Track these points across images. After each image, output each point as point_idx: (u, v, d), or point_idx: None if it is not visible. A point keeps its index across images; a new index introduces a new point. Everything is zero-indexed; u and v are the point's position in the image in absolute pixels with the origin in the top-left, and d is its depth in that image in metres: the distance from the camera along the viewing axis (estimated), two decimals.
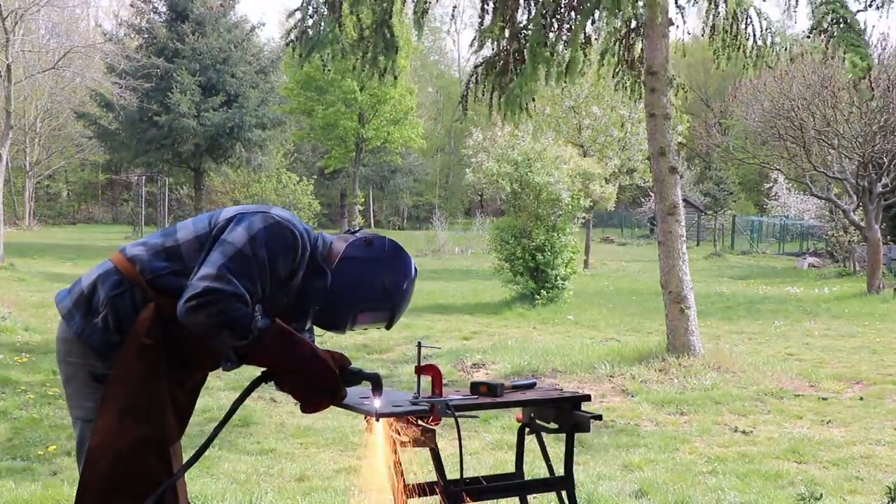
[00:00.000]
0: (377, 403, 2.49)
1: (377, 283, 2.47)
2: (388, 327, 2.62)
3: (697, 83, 48.47)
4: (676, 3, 8.58)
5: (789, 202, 32.33)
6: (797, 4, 8.06)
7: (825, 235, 25.20)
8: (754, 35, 8.65)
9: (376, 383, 2.51)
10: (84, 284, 2.42)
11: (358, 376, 2.52)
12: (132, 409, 2.31)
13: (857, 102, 16.17)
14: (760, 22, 8.68)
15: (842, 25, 6.88)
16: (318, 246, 2.48)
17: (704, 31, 8.88)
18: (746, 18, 8.62)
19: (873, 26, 37.93)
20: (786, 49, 8.73)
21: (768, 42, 8.65)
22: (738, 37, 8.60)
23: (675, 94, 9.69)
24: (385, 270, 2.48)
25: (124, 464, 2.31)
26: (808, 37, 7.30)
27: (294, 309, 2.50)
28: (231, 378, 7.19)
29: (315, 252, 2.46)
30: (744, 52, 8.76)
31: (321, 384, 2.46)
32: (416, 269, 2.57)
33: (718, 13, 8.62)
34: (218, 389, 7.09)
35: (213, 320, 2.24)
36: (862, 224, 18.08)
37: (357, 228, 2.64)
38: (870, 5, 7.08)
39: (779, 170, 22.66)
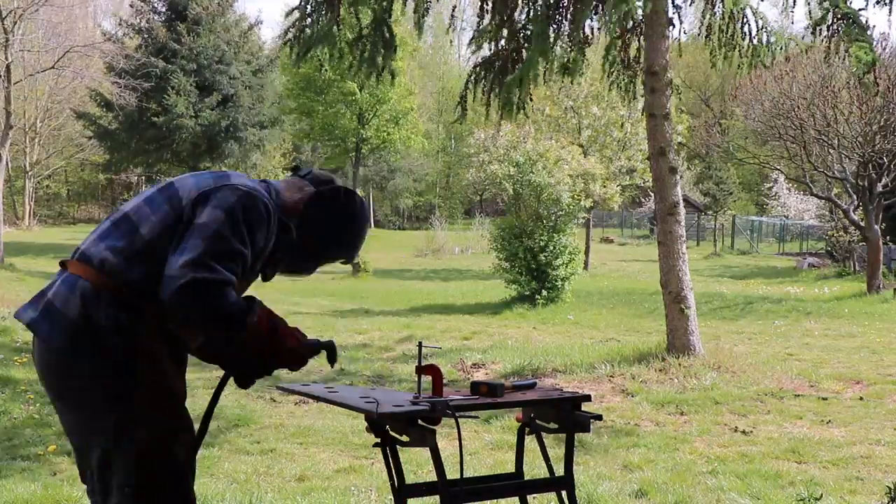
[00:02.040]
0: (331, 367, 2.55)
1: (335, 232, 2.55)
2: (349, 262, 2.73)
3: (697, 83, 48.49)
4: (674, 2, 8.59)
5: (789, 202, 32.37)
6: (794, 4, 8.07)
7: (825, 235, 25.20)
8: (750, 34, 8.66)
9: (331, 351, 2.55)
10: (70, 313, 2.25)
11: (317, 348, 2.54)
12: (168, 418, 2.34)
13: (857, 102, 16.16)
14: (756, 21, 8.69)
15: (846, 21, 6.89)
16: (276, 202, 2.46)
17: (701, 31, 8.88)
18: (743, 18, 8.63)
19: (874, 26, 37.95)
20: (781, 48, 8.73)
21: (764, 41, 8.65)
22: (735, 36, 8.60)
23: (672, 95, 9.68)
24: (342, 219, 2.55)
25: (177, 470, 2.34)
26: (813, 33, 7.30)
27: (263, 265, 2.49)
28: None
29: (277, 211, 2.44)
30: (739, 51, 8.76)
31: (290, 363, 2.49)
32: (365, 205, 2.66)
33: (715, 13, 8.62)
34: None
35: (203, 316, 2.19)
36: (862, 224, 18.08)
37: (306, 171, 2.61)
38: (875, 3, 7.08)
39: (779, 170, 22.66)
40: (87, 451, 2.32)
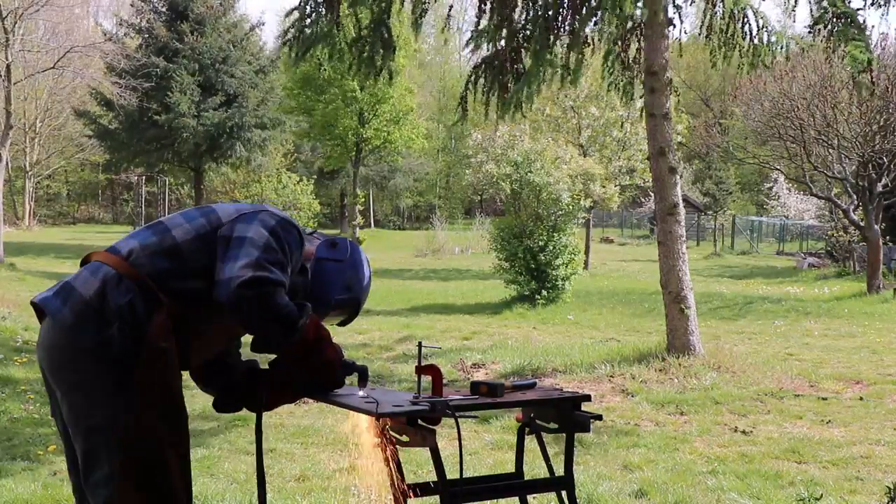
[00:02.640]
0: (361, 394, 2.60)
1: (344, 282, 2.66)
2: (349, 322, 2.82)
3: (697, 83, 48.50)
4: (674, 2, 8.59)
5: (789, 202, 32.36)
6: (796, 3, 8.07)
7: (825, 235, 25.19)
8: (750, 34, 8.66)
9: (363, 376, 2.64)
10: (86, 293, 2.31)
11: (350, 368, 2.61)
12: (165, 414, 2.35)
13: (857, 102, 16.16)
14: (757, 21, 8.68)
15: (843, 21, 6.89)
16: None
17: (701, 31, 8.88)
18: (743, 17, 8.63)
19: (873, 26, 37.96)
20: (781, 48, 8.72)
21: (764, 41, 8.64)
22: (735, 36, 8.60)
23: (671, 95, 9.69)
24: (349, 269, 2.68)
25: (165, 469, 2.34)
26: (810, 33, 7.30)
27: None
28: None
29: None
30: (740, 51, 8.76)
31: (328, 379, 2.55)
32: (367, 260, 2.78)
33: (716, 13, 8.62)
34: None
35: (261, 311, 2.28)
36: (862, 224, 18.07)
37: (312, 231, 2.76)
38: (871, 4, 7.08)
39: (779, 170, 22.65)
40: (76, 437, 2.32)
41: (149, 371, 2.30)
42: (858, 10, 7.00)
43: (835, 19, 6.93)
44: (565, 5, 7.59)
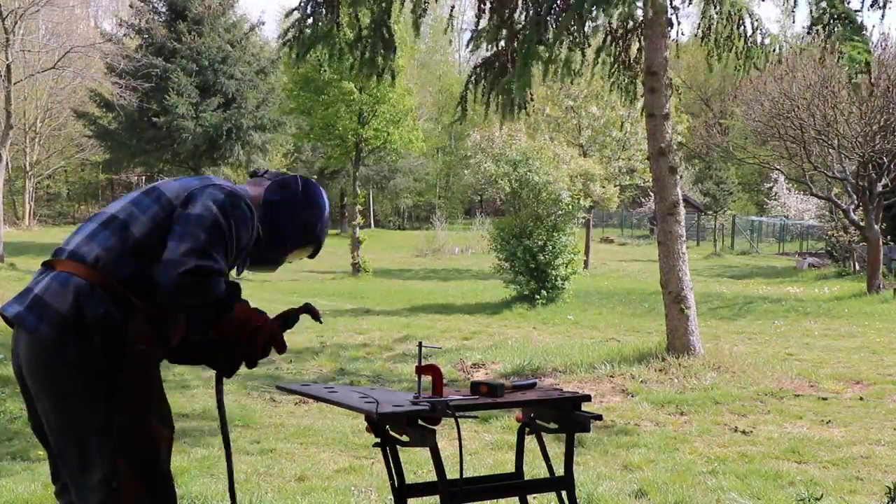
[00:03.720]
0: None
1: (300, 221, 2.61)
2: (312, 256, 2.75)
3: (697, 83, 48.49)
4: (671, 3, 8.59)
5: (789, 202, 32.36)
6: (796, 4, 8.06)
7: (825, 235, 25.19)
8: (745, 36, 8.66)
9: (313, 312, 2.61)
10: (61, 308, 2.28)
11: (294, 316, 2.58)
12: (155, 411, 2.38)
13: (857, 102, 16.16)
14: (752, 23, 8.68)
15: (842, 22, 6.88)
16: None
17: (699, 32, 8.88)
18: (739, 19, 8.63)
19: (874, 26, 37.96)
20: (774, 50, 8.72)
21: (758, 42, 8.64)
22: (731, 37, 8.60)
23: (671, 95, 9.68)
24: (305, 208, 2.62)
25: (157, 468, 2.37)
26: (809, 33, 7.30)
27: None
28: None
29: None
30: (736, 53, 8.77)
31: (251, 351, 2.52)
32: (328, 199, 2.71)
33: (714, 14, 8.61)
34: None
35: (200, 298, 2.26)
36: (862, 224, 18.08)
37: (263, 171, 2.70)
38: (872, 6, 7.07)
39: (779, 170, 22.65)
40: (67, 447, 2.32)
41: (133, 374, 2.32)
42: (857, 11, 6.99)
43: (833, 20, 6.92)
44: (558, 2, 7.57)
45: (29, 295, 2.37)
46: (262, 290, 18.28)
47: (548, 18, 7.49)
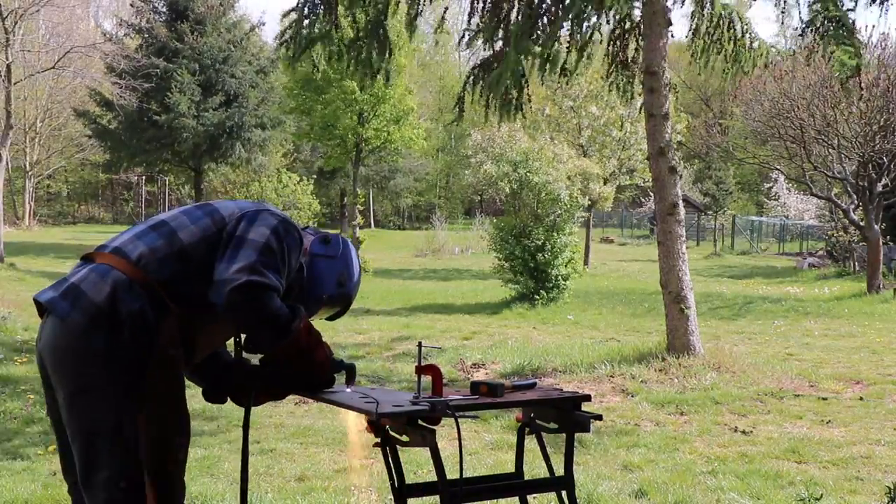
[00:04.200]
0: (349, 391, 2.66)
1: (336, 278, 2.70)
2: (340, 316, 2.86)
3: (697, 83, 48.48)
4: (667, 3, 8.59)
5: (789, 202, 32.34)
6: (785, 4, 8.05)
7: (825, 235, 25.19)
8: (734, 39, 8.67)
9: (350, 374, 2.70)
10: (97, 297, 2.29)
11: (339, 367, 2.66)
12: (173, 421, 2.39)
13: (856, 102, 16.15)
14: (742, 27, 8.69)
15: (833, 24, 6.88)
16: None
17: (688, 34, 8.89)
18: (729, 23, 8.63)
19: (873, 26, 37.93)
20: (762, 55, 8.73)
21: (746, 46, 8.65)
22: (721, 40, 8.61)
23: (670, 94, 9.69)
24: (342, 265, 2.72)
25: (178, 473, 2.39)
26: (801, 35, 7.31)
27: None
28: None
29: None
30: (725, 56, 8.77)
31: (317, 380, 2.59)
32: (358, 257, 2.84)
33: (703, 15, 8.62)
34: None
35: (254, 315, 2.30)
36: (862, 224, 18.07)
37: (304, 226, 2.79)
38: (871, 3, 7.07)
39: (779, 170, 22.65)
40: (77, 440, 2.31)
41: (158, 378, 2.32)
42: (848, 10, 6.99)
43: (826, 22, 6.92)
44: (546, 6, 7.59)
45: (64, 283, 2.37)
46: None
47: (539, 12, 7.49)
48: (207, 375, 2.73)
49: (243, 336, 2.51)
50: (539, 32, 7.42)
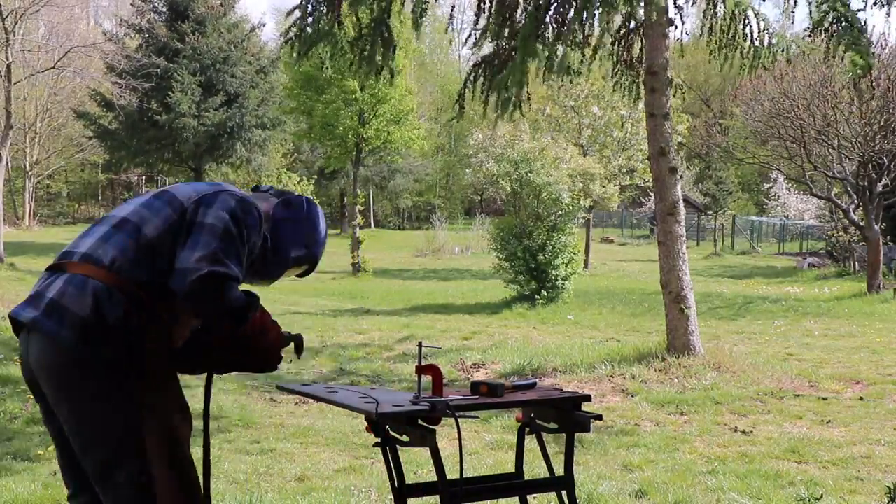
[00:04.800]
0: (288, 364, 2.64)
1: (302, 239, 2.69)
2: (305, 275, 2.84)
3: (697, 83, 48.50)
4: (675, 2, 8.59)
5: (789, 202, 32.35)
6: (796, 4, 8.05)
7: (825, 235, 25.20)
8: (751, 36, 8.64)
9: (299, 344, 2.66)
10: (81, 311, 2.29)
11: (287, 340, 2.63)
12: (177, 408, 2.45)
13: (857, 102, 16.16)
14: (758, 22, 8.67)
15: (843, 24, 6.87)
16: None
17: (702, 32, 8.86)
18: (744, 19, 8.60)
19: (874, 26, 37.97)
20: (782, 50, 8.70)
21: (765, 43, 8.63)
22: (736, 37, 8.59)
23: (674, 95, 9.68)
24: (308, 226, 2.71)
25: (184, 461, 2.45)
26: (810, 36, 7.29)
27: None
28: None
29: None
30: (741, 52, 8.75)
31: (267, 361, 2.57)
32: (323, 215, 2.81)
33: (717, 14, 8.60)
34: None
35: (214, 306, 2.31)
36: (862, 224, 18.08)
37: (266, 187, 2.78)
38: (874, 4, 7.06)
39: (779, 170, 22.65)
40: (91, 448, 2.33)
41: (154, 372, 2.37)
42: (859, 10, 6.98)
43: (835, 23, 6.90)
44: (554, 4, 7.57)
45: (42, 300, 2.35)
46: (262, 290, 18.24)
47: (546, 16, 7.48)
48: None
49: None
50: (547, 34, 7.41)
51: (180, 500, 2.39)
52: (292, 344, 2.63)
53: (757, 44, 8.56)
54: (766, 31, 8.54)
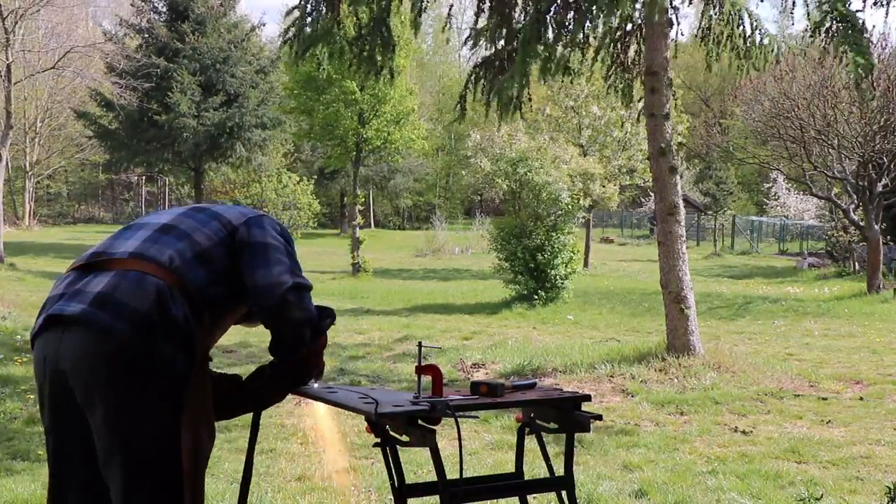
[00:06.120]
0: (317, 386, 2.75)
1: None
2: None
3: (697, 83, 48.51)
4: (671, 3, 8.57)
5: (789, 202, 32.36)
6: (794, 5, 8.06)
7: (825, 235, 25.20)
8: (744, 36, 8.65)
9: (319, 372, 2.76)
10: (142, 306, 2.19)
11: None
12: (208, 431, 2.43)
13: (857, 102, 16.16)
14: (751, 23, 8.67)
15: (843, 24, 6.87)
16: None
17: (698, 32, 8.87)
18: (738, 19, 8.61)
19: (874, 26, 37.96)
20: (773, 51, 8.71)
21: (757, 42, 8.63)
22: (732, 37, 8.59)
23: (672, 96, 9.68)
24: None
25: (203, 476, 2.41)
26: (812, 36, 7.28)
27: None
28: None
29: None
30: (737, 52, 8.76)
31: (318, 373, 2.70)
32: None
33: (713, 14, 8.60)
34: None
35: (301, 314, 2.40)
36: (862, 224, 18.08)
37: None
38: (874, 4, 7.06)
39: (779, 170, 22.65)
40: (124, 451, 2.20)
41: (199, 386, 2.32)
42: (859, 11, 6.97)
43: (835, 23, 6.90)
44: (559, 2, 7.56)
45: (89, 294, 2.22)
46: None
47: (547, 17, 7.48)
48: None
49: (270, 341, 2.53)
50: (547, 35, 7.41)
51: None
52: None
53: (749, 44, 8.56)
54: (757, 31, 8.55)
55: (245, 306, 2.51)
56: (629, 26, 8.88)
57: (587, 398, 2.85)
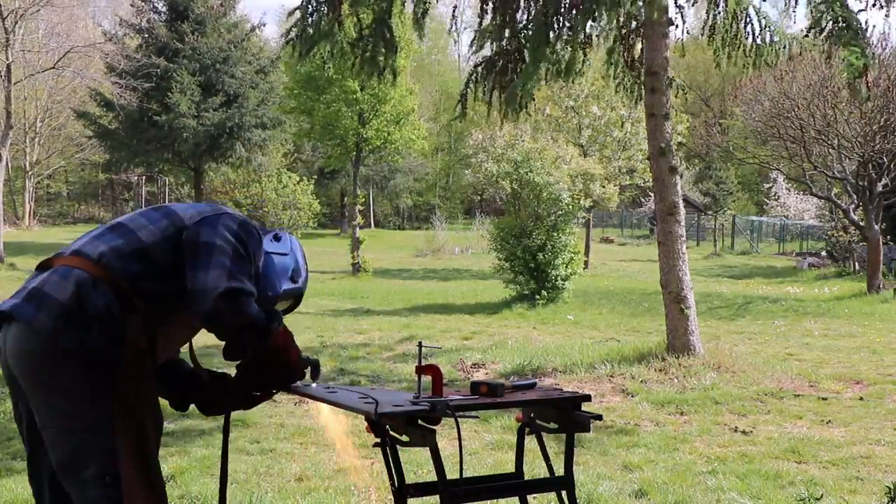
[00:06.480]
0: (315, 386, 2.76)
1: (289, 273, 2.75)
2: (292, 310, 2.88)
3: (697, 83, 48.49)
4: (676, 2, 8.58)
5: (789, 202, 32.37)
6: (796, 4, 8.06)
7: (825, 235, 25.20)
8: (753, 34, 8.64)
9: (315, 369, 2.76)
10: (61, 297, 2.30)
11: (306, 362, 2.72)
12: (151, 411, 2.43)
13: (857, 102, 16.16)
14: (760, 21, 8.66)
15: (840, 24, 6.87)
16: None
17: (704, 31, 8.85)
18: (746, 17, 8.60)
19: (874, 26, 37.94)
20: (784, 48, 8.69)
21: (767, 40, 8.62)
22: (738, 36, 8.58)
23: (675, 96, 9.67)
24: (292, 261, 2.77)
25: (152, 463, 2.42)
26: (807, 35, 7.28)
27: None
28: None
29: None
30: (744, 51, 8.74)
31: (291, 377, 2.67)
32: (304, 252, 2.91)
33: (718, 13, 8.59)
34: None
35: (237, 320, 2.35)
36: (862, 224, 18.08)
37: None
38: (873, 5, 7.06)
39: (779, 170, 22.65)
40: (60, 440, 2.32)
41: (130, 372, 2.35)
42: (860, 11, 7.00)
43: (833, 22, 6.90)
44: (565, 3, 7.57)
45: (25, 290, 2.38)
46: None
47: (554, 19, 7.49)
48: (171, 384, 2.75)
49: (222, 344, 2.51)
50: (553, 37, 7.42)
51: (146, 500, 2.35)
52: (309, 367, 2.71)
53: (759, 42, 8.55)
54: (767, 29, 8.54)
55: None
56: (633, 24, 8.87)
57: (587, 398, 2.85)
